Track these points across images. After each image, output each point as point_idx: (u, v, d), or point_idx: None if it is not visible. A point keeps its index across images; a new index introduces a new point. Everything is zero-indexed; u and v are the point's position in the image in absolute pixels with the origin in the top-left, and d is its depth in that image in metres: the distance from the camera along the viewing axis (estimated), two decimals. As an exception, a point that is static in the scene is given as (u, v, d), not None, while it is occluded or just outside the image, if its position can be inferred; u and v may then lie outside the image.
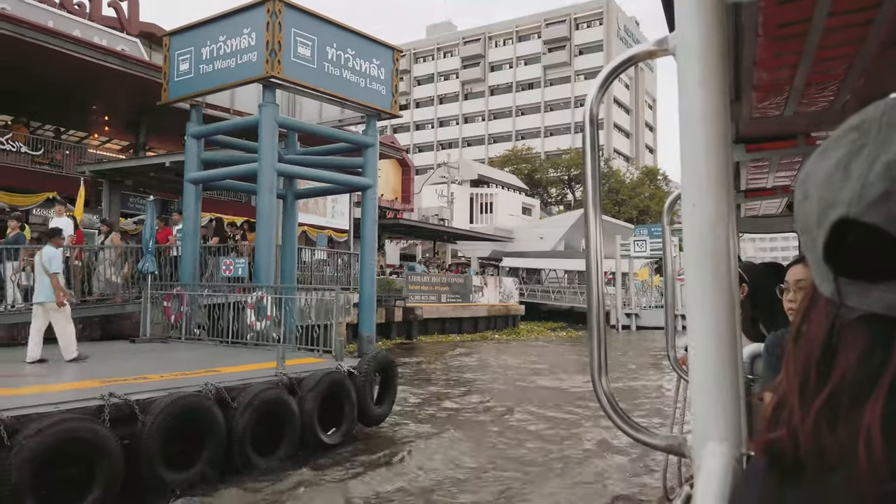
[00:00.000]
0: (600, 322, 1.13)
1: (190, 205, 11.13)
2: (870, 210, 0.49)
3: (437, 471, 6.79)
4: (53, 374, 6.69)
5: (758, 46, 1.61)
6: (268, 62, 9.63)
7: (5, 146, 17.71)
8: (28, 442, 4.69)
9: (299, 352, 9.06)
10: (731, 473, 0.81)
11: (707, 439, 0.87)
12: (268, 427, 6.53)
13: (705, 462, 0.85)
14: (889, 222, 0.48)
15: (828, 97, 2.12)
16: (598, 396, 1.13)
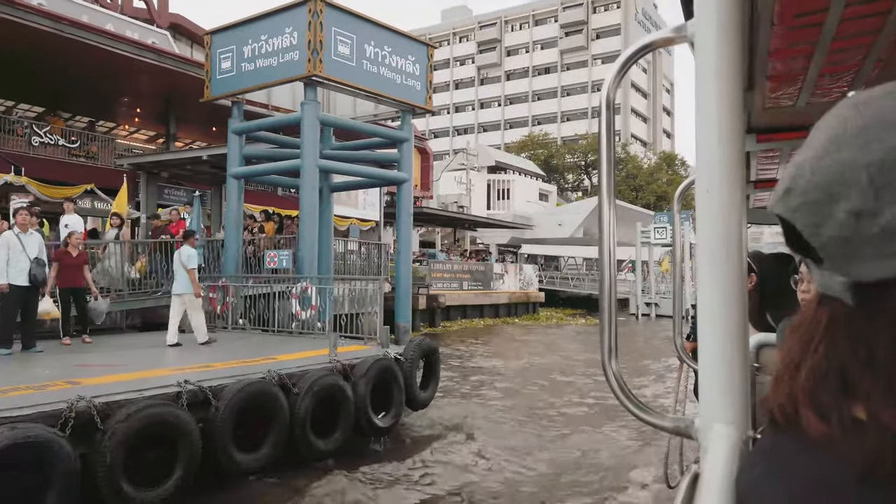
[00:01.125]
0: (611, 307, 1.15)
1: (232, 199, 11.55)
2: (777, 204, 0.57)
3: (483, 450, 7.22)
4: (132, 363, 7.15)
5: (773, 36, 1.58)
6: (310, 61, 9.97)
7: (43, 139, 18.23)
8: (120, 426, 5.12)
9: (343, 340, 9.46)
10: (737, 455, 0.83)
11: (714, 421, 0.89)
12: (324, 411, 6.94)
13: (712, 444, 0.86)
14: (788, 213, 0.56)
15: (842, 88, 2.09)
16: (607, 379, 1.15)
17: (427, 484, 6.37)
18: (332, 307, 10.03)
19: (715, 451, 0.84)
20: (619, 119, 73.93)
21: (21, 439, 4.51)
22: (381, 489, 6.16)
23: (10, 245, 7.52)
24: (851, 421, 0.52)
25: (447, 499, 6.06)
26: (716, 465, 0.79)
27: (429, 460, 7.01)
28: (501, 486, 6.36)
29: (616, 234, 1.15)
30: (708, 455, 0.85)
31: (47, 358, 7.63)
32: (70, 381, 5.90)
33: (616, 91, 1.12)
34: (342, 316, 10.15)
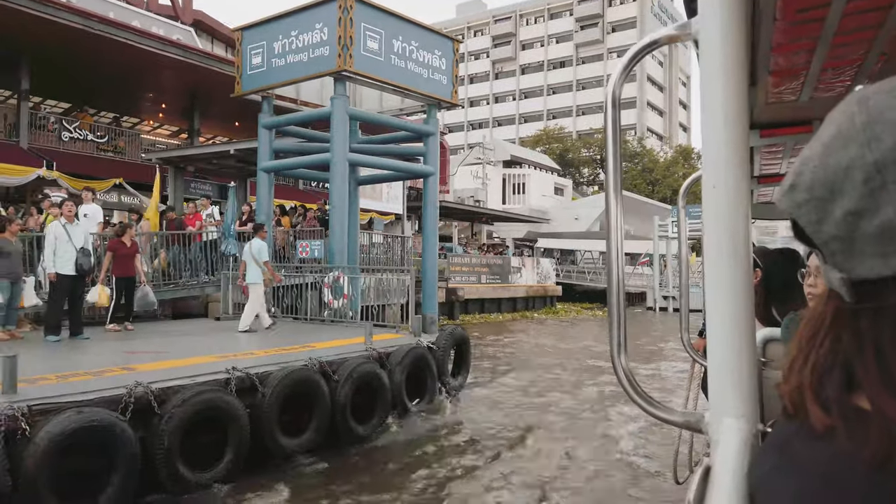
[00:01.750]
0: (620, 302, 1.15)
1: (263, 192, 11.76)
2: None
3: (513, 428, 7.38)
4: (176, 350, 7.38)
5: (775, 31, 1.59)
6: (340, 56, 10.13)
7: (73, 134, 18.57)
8: (176, 411, 5.33)
9: (375, 328, 9.65)
10: (747, 448, 0.83)
11: (724, 415, 0.89)
12: (362, 397, 7.12)
13: (722, 437, 0.86)
14: (792, 209, 0.57)
15: (844, 82, 2.09)
16: (616, 373, 1.15)
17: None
18: (360, 297, 10.26)
19: (725, 444, 0.85)
20: (635, 113, 73.54)
21: (87, 423, 4.73)
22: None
23: (57, 235, 7.77)
24: (856, 414, 0.53)
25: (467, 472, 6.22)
26: (727, 459, 0.80)
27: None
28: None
29: (623, 228, 1.17)
30: (719, 449, 0.85)
31: (95, 345, 7.89)
32: (124, 368, 6.12)
33: (622, 88, 1.13)
34: (369, 307, 10.38)
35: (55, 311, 7.85)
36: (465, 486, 6.00)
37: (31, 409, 4.65)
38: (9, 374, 4.88)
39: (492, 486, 5.97)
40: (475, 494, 5.79)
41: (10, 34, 14.98)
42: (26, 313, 9.08)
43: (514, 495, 5.81)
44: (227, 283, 11.02)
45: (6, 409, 4.54)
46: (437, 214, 11.90)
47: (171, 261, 11.76)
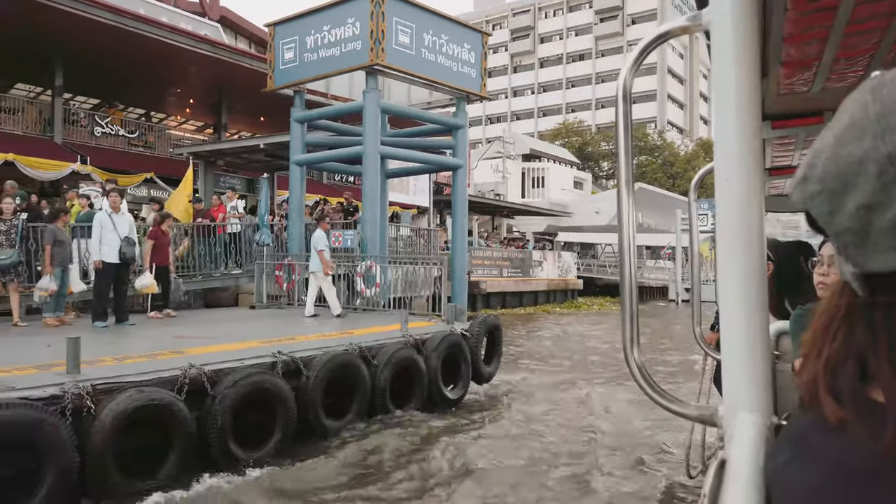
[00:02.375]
0: (632, 295, 1.15)
1: (295, 185, 11.99)
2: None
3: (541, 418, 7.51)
4: (221, 336, 7.62)
5: (787, 21, 1.56)
6: (372, 50, 10.29)
7: (105, 129, 18.96)
8: (228, 392, 5.54)
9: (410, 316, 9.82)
10: (762, 441, 0.82)
11: (738, 409, 0.88)
12: (399, 382, 7.30)
13: (737, 431, 0.86)
14: (804, 200, 0.55)
15: (857, 73, 2.05)
16: (629, 367, 1.14)
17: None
18: (391, 287, 10.45)
19: (740, 438, 0.84)
20: (656, 106, 72.95)
21: (147, 401, 4.95)
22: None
23: (103, 224, 8.05)
24: (870, 406, 0.52)
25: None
26: (742, 452, 0.80)
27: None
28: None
29: (635, 222, 1.16)
30: (733, 442, 0.85)
31: (140, 331, 8.16)
32: (175, 351, 6.36)
33: (633, 81, 1.12)
34: (398, 299, 10.58)
35: (101, 297, 8.14)
36: (496, 465, 6.15)
37: (94, 388, 4.87)
38: (73, 355, 5.12)
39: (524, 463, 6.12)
40: (512, 468, 5.94)
41: (45, 31, 15.34)
42: (73, 300, 9.40)
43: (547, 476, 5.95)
44: (262, 272, 11.27)
45: (72, 387, 4.76)
46: (466, 207, 12.05)
47: (195, 251, 11.99)
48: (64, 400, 4.66)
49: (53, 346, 6.49)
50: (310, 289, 9.77)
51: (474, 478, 5.80)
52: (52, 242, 8.06)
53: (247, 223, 12.43)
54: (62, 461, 4.45)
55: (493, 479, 5.78)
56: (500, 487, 5.60)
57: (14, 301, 8.12)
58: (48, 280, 8.05)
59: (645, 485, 5.88)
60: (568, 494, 5.59)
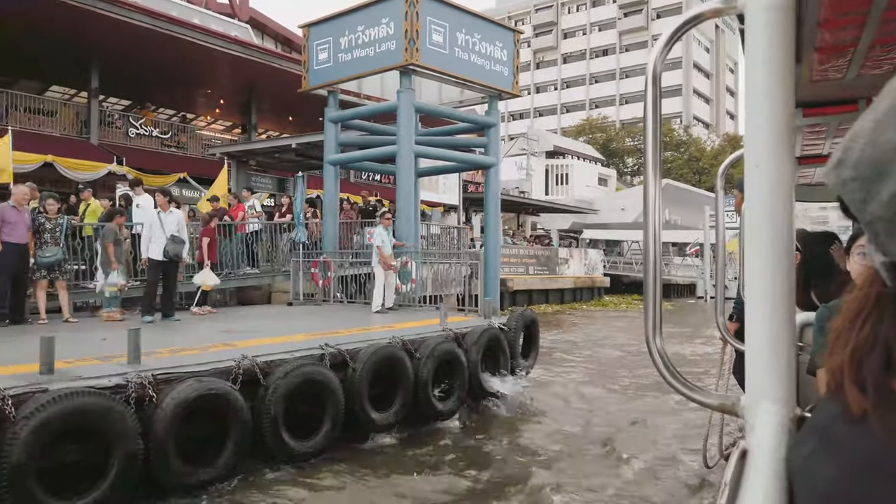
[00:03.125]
0: (656, 285, 1.14)
1: (329, 184, 12.17)
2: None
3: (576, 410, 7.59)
4: (266, 329, 7.82)
5: (822, 5, 1.52)
6: (406, 50, 10.41)
7: (139, 130, 19.39)
8: (280, 382, 5.70)
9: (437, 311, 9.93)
10: (785, 432, 0.81)
11: (761, 399, 0.87)
12: (440, 375, 7.41)
13: (759, 421, 0.85)
14: (837, 186, 0.54)
15: (894, 59, 1.99)
16: (652, 356, 1.13)
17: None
18: (422, 285, 10.59)
19: (763, 428, 0.83)
20: (681, 100, 72.18)
21: (206, 391, 5.13)
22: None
23: (152, 223, 8.32)
24: (892, 398, 0.52)
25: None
26: (764, 442, 0.80)
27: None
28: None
29: (661, 207, 1.14)
30: (755, 432, 0.84)
31: (188, 325, 8.40)
32: (225, 344, 6.55)
33: (662, 64, 1.09)
34: (428, 297, 10.73)
35: (150, 293, 8.40)
36: (536, 460, 6.24)
37: (155, 378, 5.06)
38: (134, 346, 5.32)
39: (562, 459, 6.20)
40: (548, 461, 6.03)
41: (82, 35, 15.74)
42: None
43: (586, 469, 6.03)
44: (298, 269, 11.48)
45: (135, 377, 4.96)
46: (498, 205, 12.14)
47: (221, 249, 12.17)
48: (128, 389, 4.86)
49: (108, 340, 6.75)
50: (376, 283, 10.00)
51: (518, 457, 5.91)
52: (113, 241, 8.49)
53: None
54: (128, 448, 4.64)
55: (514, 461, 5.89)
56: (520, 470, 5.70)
57: (63, 298, 8.40)
58: (116, 276, 8.49)
59: (661, 474, 5.94)
60: (584, 484, 5.65)
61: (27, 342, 6.86)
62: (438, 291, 11.55)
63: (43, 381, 4.70)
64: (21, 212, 8.04)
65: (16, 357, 5.59)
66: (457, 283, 12.97)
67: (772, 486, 0.74)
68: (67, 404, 4.41)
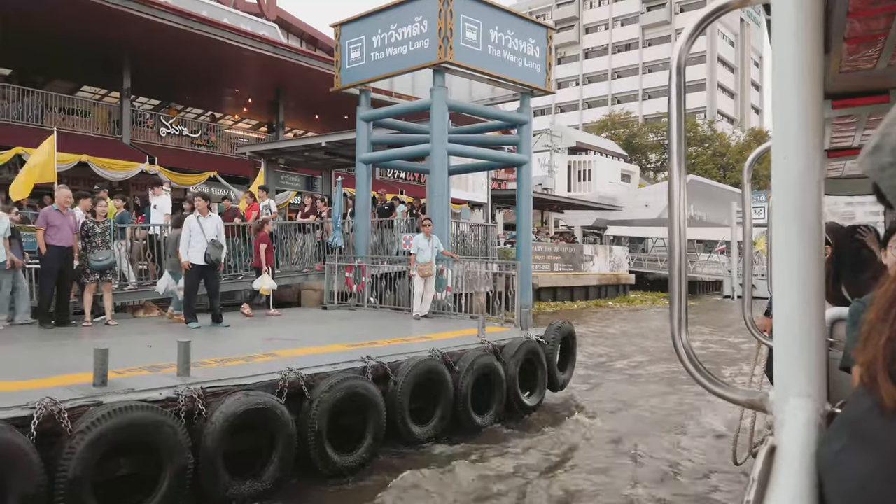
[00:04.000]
0: (681, 281, 1.13)
1: (362, 184, 12.09)
2: (865, 159, 0.55)
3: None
4: (308, 338, 7.77)
5: None
6: (440, 48, 10.27)
7: (170, 129, 19.49)
8: (325, 396, 5.62)
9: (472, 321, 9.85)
10: (814, 428, 0.80)
11: (790, 395, 0.86)
12: (478, 389, 7.28)
13: (788, 417, 0.83)
14: (873, 172, 0.54)
15: None
16: (677, 351, 1.12)
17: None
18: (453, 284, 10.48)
19: (792, 424, 0.82)
20: (706, 95, 71.16)
21: (254, 405, 5.06)
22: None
23: (192, 227, 8.29)
24: None
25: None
26: (793, 438, 0.78)
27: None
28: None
29: (686, 202, 1.14)
30: (784, 428, 0.83)
31: (232, 331, 8.39)
32: (269, 354, 6.49)
33: (688, 54, 1.08)
34: (455, 296, 10.62)
35: (191, 298, 8.39)
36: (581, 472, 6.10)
37: (204, 391, 5.01)
38: (183, 359, 5.27)
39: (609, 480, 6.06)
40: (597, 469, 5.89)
41: (114, 35, 15.83)
42: (155, 301, 9.73)
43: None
44: (333, 272, 11.42)
45: (185, 390, 4.91)
46: (531, 203, 11.97)
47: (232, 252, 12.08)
48: (178, 402, 4.81)
49: (154, 347, 6.74)
50: (416, 289, 9.99)
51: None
52: (176, 244, 8.81)
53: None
54: (179, 462, 4.59)
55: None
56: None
57: (108, 300, 8.43)
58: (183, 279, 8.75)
59: (690, 471, 5.87)
60: (610, 484, 5.55)
61: (74, 347, 6.91)
62: (468, 290, 11.45)
63: (97, 393, 4.67)
64: (65, 214, 8.06)
65: (66, 365, 5.59)
66: (485, 281, 12.85)
67: (801, 482, 0.73)
68: (122, 418, 4.36)
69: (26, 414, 4.12)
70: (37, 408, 4.16)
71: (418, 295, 9.77)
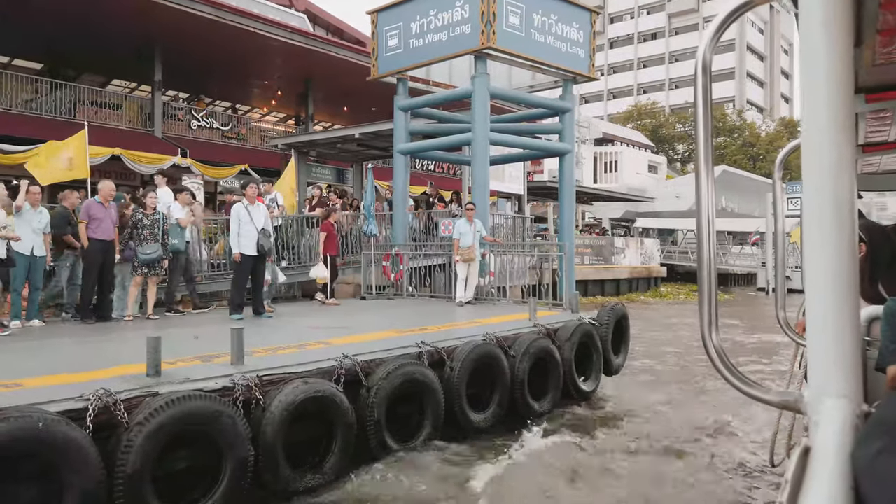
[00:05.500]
0: (711, 279, 1.12)
1: (399, 174, 11.87)
2: None
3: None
4: (355, 325, 7.59)
5: None
6: (483, 33, 9.99)
7: (201, 122, 19.49)
8: (382, 383, 5.43)
9: (518, 306, 9.62)
10: (850, 429, 0.78)
11: (825, 396, 0.85)
12: (534, 374, 7.03)
13: (823, 418, 0.82)
14: None
15: None
16: (707, 351, 1.11)
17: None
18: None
19: (827, 425, 0.81)
20: (734, 84, 69.86)
21: (313, 393, 4.87)
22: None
23: (240, 217, 8.10)
24: None
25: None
26: (828, 440, 0.77)
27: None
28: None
29: (714, 202, 1.12)
30: (819, 429, 0.82)
31: (276, 321, 8.24)
32: (321, 342, 6.30)
33: (713, 53, 1.07)
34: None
35: (240, 290, 8.20)
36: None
37: (261, 379, 4.83)
38: (237, 347, 5.10)
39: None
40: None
41: (146, 26, 15.81)
42: (184, 294, 9.51)
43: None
44: (369, 262, 11.24)
45: (241, 379, 4.73)
46: (573, 195, 11.65)
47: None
48: (234, 391, 4.63)
49: (200, 338, 6.60)
50: (459, 277, 9.80)
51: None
52: None
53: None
54: (240, 454, 4.41)
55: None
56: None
57: (151, 294, 8.32)
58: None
59: (723, 472, 5.72)
60: (640, 485, 5.33)
61: (120, 340, 6.79)
62: (503, 283, 11.21)
63: (151, 384, 4.51)
64: (108, 207, 7.96)
65: (115, 358, 5.47)
66: (521, 273, 12.58)
67: (835, 484, 0.71)
68: (180, 408, 4.19)
69: (81, 406, 3.95)
70: (91, 399, 4.00)
71: (461, 280, 9.55)
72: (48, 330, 7.48)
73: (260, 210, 8.32)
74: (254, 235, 8.07)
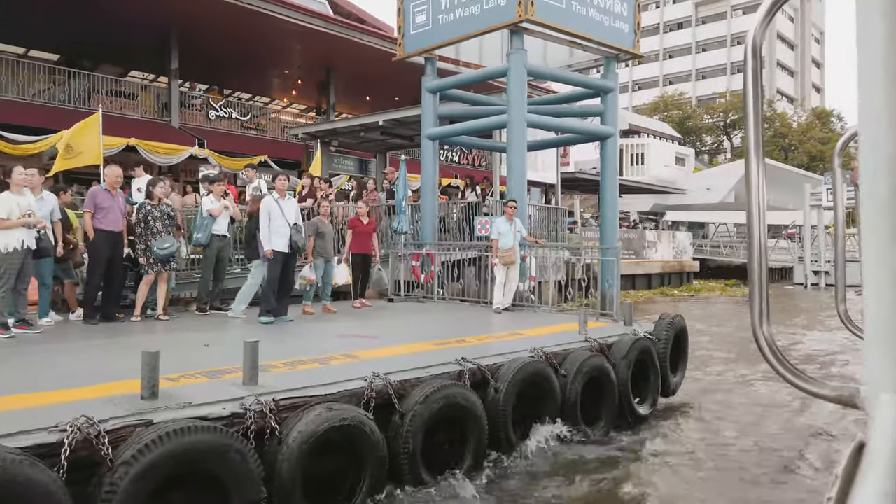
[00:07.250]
0: (762, 271, 1.12)
1: (428, 162, 10.98)
2: None
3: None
4: (385, 334, 6.77)
5: None
6: (520, 5, 9.04)
7: (219, 112, 18.79)
8: (419, 409, 4.54)
9: (557, 315, 8.72)
10: None
11: (881, 390, 0.82)
12: (586, 395, 6.15)
13: (879, 413, 0.80)
14: None
15: None
16: (759, 344, 1.08)
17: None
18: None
19: (883, 421, 0.79)
20: (765, 74, 67.76)
21: (338, 422, 4.04)
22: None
23: (271, 211, 7.29)
24: None
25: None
26: (884, 436, 0.76)
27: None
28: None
29: (765, 192, 1.10)
30: (875, 425, 0.80)
31: (300, 327, 7.40)
32: (347, 355, 5.47)
33: (764, 35, 1.06)
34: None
35: (271, 289, 7.35)
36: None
37: (277, 404, 4.01)
38: (250, 364, 4.28)
39: None
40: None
41: (163, 12, 15.13)
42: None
43: None
44: (398, 261, 10.38)
45: (253, 404, 3.91)
46: (616, 183, 10.67)
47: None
48: (246, 419, 3.81)
49: (211, 345, 5.82)
50: (497, 280, 8.90)
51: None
52: (315, 234, 8.30)
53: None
54: (250, 497, 3.60)
55: None
56: None
57: (162, 291, 7.57)
58: (309, 269, 8.21)
59: (778, 465, 5.43)
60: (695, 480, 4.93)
61: (123, 346, 6.01)
62: (539, 278, 10.35)
63: (145, 408, 3.70)
64: (115, 196, 7.20)
65: (111, 370, 4.71)
66: (556, 268, 11.68)
67: (890, 482, 0.70)
68: (177, 443, 3.37)
69: (55, 439, 3.16)
70: (68, 430, 3.20)
71: (500, 285, 8.64)
72: (46, 332, 6.73)
73: (291, 204, 7.49)
74: (286, 231, 7.24)
